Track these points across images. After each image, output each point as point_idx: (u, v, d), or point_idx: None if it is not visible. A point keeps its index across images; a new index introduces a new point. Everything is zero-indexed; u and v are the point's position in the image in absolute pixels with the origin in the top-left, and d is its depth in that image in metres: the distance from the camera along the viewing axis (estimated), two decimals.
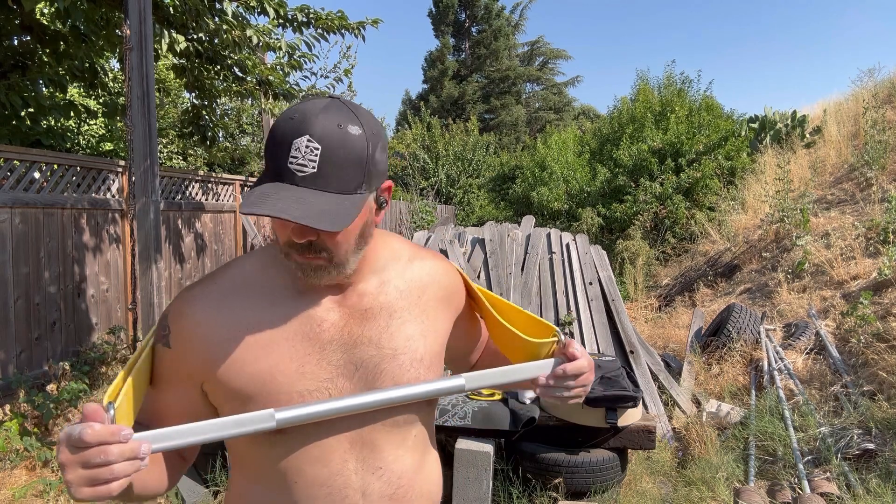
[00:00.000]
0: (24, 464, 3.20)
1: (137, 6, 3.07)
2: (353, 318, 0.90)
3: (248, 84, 5.18)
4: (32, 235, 4.14)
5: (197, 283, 0.91)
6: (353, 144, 0.78)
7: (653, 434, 3.05)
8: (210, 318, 0.86)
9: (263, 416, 0.79)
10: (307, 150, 0.76)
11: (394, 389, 0.86)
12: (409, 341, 0.93)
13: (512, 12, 28.58)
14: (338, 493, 0.88)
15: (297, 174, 0.77)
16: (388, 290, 0.94)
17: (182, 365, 0.88)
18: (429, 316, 0.97)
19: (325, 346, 0.88)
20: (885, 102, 8.83)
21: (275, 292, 0.89)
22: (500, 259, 4.60)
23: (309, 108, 0.79)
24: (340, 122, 0.78)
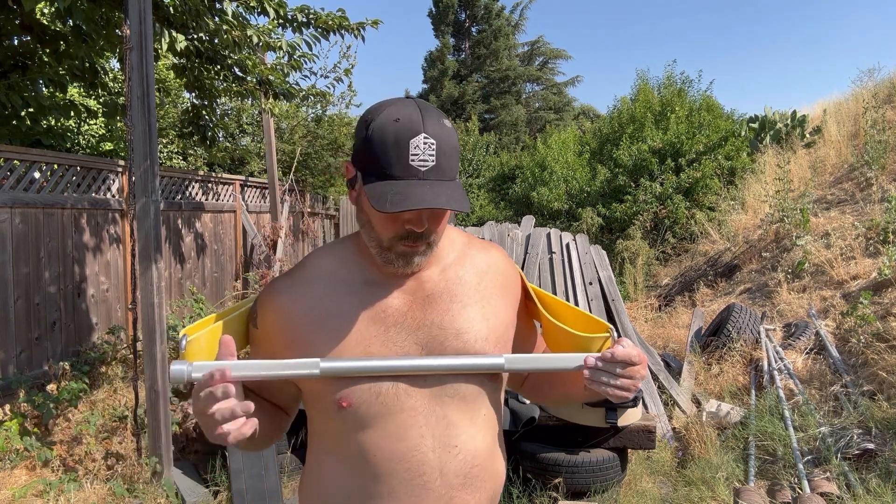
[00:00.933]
0: (24, 464, 3.20)
1: (137, 6, 3.07)
2: (415, 303, 0.97)
3: (248, 84, 5.18)
4: (32, 235, 4.14)
5: (281, 276, 1.02)
6: (452, 136, 0.89)
7: (653, 434, 3.05)
8: (288, 306, 0.96)
9: (309, 363, 0.88)
10: (426, 147, 0.86)
11: (434, 358, 0.92)
12: (472, 322, 0.98)
13: (512, 12, 28.58)
14: (416, 470, 0.93)
15: (421, 169, 0.86)
16: (449, 276, 1.00)
17: (266, 344, 0.99)
18: (489, 301, 1.01)
19: (389, 329, 0.95)
20: (885, 102, 8.83)
21: (347, 283, 0.98)
22: None
23: (407, 110, 0.87)
24: (439, 118, 0.88)
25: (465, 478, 0.95)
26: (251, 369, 0.86)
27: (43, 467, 3.21)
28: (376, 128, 0.87)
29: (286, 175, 8.66)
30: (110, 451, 3.33)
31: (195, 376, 0.84)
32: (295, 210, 8.57)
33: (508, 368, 0.93)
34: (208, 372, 0.82)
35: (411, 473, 0.92)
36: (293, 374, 0.88)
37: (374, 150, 0.87)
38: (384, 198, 0.84)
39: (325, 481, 0.99)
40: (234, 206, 7.03)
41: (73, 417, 3.59)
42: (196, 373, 0.84)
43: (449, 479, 0.94)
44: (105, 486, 3.03)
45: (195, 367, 0.85)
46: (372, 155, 0.87)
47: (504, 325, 1.02)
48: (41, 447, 3.22)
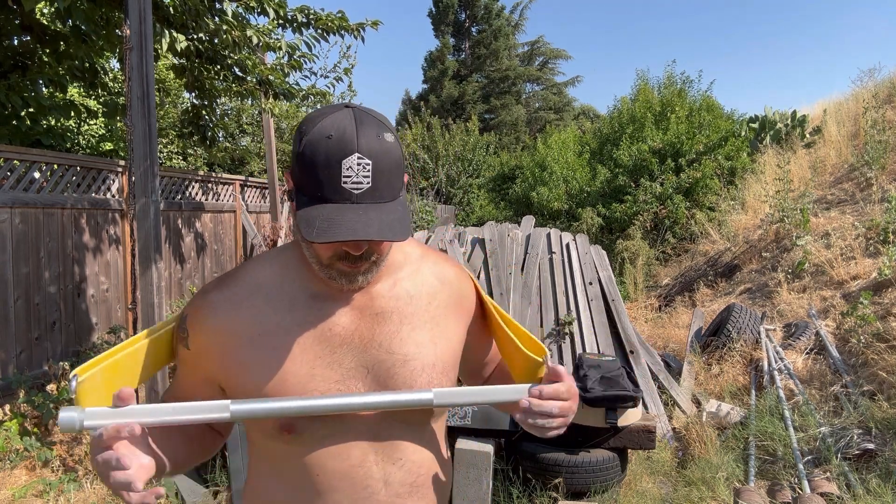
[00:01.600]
0: (24, 464, 3.20)
1: (137, 6, 3.07)
2: (364, 320, 0.92)
3: (248, 84, 5.18)
4: (32, 235, 4.14)
5: (213, 287, 0.93)
6: (393, 152, 0.82)
7: (653, 434, 3.05)
8: (225, 324, 0.89)
9: (218, 406, 0.81)
10: (359, 168, 0.79)
11: (363, 396, 0.85)
12: (420, 347, 0.93)
13: (512, 12, 28.58)
14: (360, 483, 0.91)
15: (353, 192, 0.79)
16: (399, 292, 0.95)
17: (200, 366, 0.92)
18: (438, 323, 0.97)
19: (335, 349, 0.90)
20: (885, 102, 8.83)
21: (289, 297, 0.91)
22: (500, 259, 4.61)
23: (341, 124, 0.80)
24: (378, 133, 0.81)
25: (410, 486, 0.94)
26: (154, 415, 0.78)
27: (43, 467, 3.21)
28: (308, 144, 0.80)
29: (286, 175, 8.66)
30: None
31: (87, 424, 0.75)
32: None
33: (437, 404, 0.88)
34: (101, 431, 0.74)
35: (355, 487, 0.91)
36: (202, 419, 0.80)
37: (306, 168, 0.80)
38: (312, 224, 0.78)
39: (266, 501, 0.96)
40: (234, 206, 7.03)
41: None
42: (89, 420, 0.75)
43: (395, 488, 0.92)
44: (105, 487, 3.03)
45: (88, 413, 0.75)
46: (303, 173, 0.81)
47: (453, 349, 0.99)
48: (41, 447, 3.23)
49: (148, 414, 0.78)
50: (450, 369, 0.97)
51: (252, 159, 9.70)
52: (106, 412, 0.76)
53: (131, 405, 0.77)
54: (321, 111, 0.84)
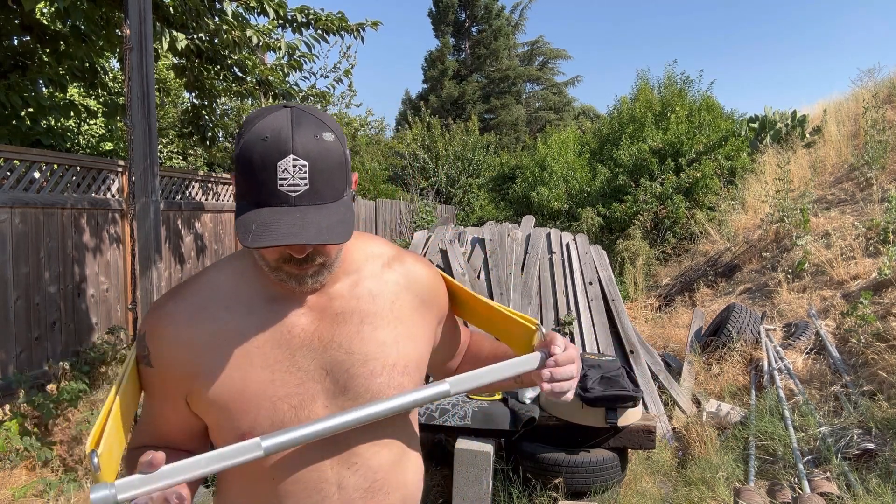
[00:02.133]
0: (24, 464, 3.20)
1: (137, 6, 3.07)
2: (323, 321, 0.90)
3: (248, 84, 5.18)
4: (32, 235, 4.14)
5: (169, 298, 0.91)
6: (333, 151, 0.80)
7: (653, 434, 3.05)
8: (184, 334, 0.87)
9: (250, 445, 0.79)
10: (295, 170, 0.77)
11: (379, 403, 0.85)
12: (382, 347, 0.92)
13: (512, 12, 28.58)
14: (313, 487, 0.89)
15: (290, 195, 0.77)
16: (361, 292, 0.93)
17: (166, 382, 0.90)
18: (403, 322, 0.95)
19: (295, 352, 0.88)
20: (885, 102, 8.83)
21: (246, 302, 0.89)
22: (500, 259, 4.60)
23: (277, 125, 0.78)
24: (315, 133, 0.79)
25: (365, 491, 0.92)
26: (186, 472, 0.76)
27: (43, 467, 3.21)
28: (244, 147, 0.78)
29: None
30: None
31: (122, 498, 0.73)
32: None
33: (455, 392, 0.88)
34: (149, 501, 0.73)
35: (308, 491, 0.89)
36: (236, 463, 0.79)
37: (243, 172, 0.78)
38: (248, 229, 0.76)
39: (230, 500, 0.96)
40: (234, 206, 7.03)
41: (73, 417, 3.59)
42: (122, 494, 0.73)
43: (348, 492, 0.91)
44: None
45: (119, 486, 0.74)
46: (241, 177, 0.79)
47: (418, 349, 0.97)
48: (41, 447, 3.22)
49: (180, 472, 0.76)
50: (413, 370, 0.96)
51: None
52: (136, 481, 0.75)
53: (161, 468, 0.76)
54: (260, 112, 0.82)
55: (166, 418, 0.93)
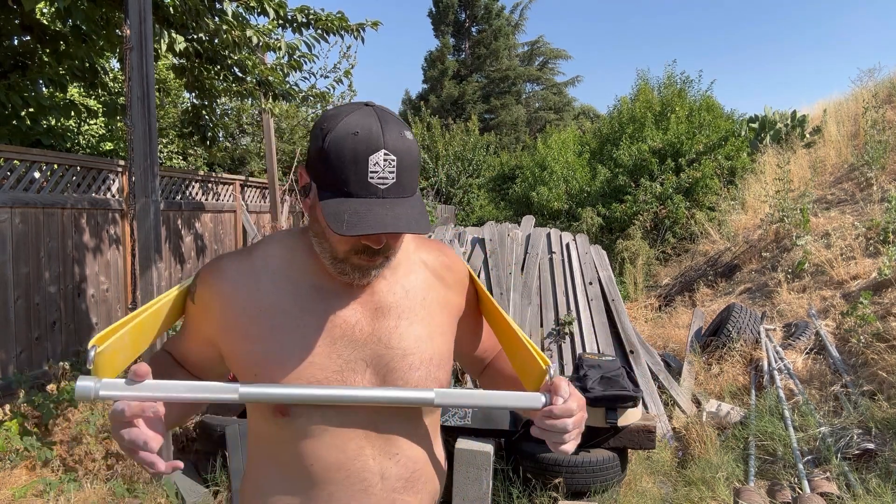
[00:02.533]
0: (24, 464, 3.20)
1: (137, 6, 3.07)
2: (365, 315, 0.94)
3: (248, 84, 5.17)
4: (32, 235, 4.14)
5: (228, 256, 0.97)
6: (414, 149, 0.85)
7: (653, 434, 3.05)
8: (228, 291, 0.92)
9: (228, 388, 0.83)
10: (386, 164, 0.81)
11: (367, 390, 0.88)
12: (418, 342, 0.95)
13: (512, 12, 28.58)
14: (356, 476, 0.92)
15: (380, 187, 0.81)
16: (397, 288, 0.97)
17: (199, 322, 0.97)
18: (434, 317, 0.99)
19: (336, 341, 0.91)
20: (885, 102, 8.83)
21: (293, 283, 0.93)
22: (500, 259, 4.60)
23: (366, 122, 0.82)
24: (400, 131, 0.83)
25: (406, 481, 0.95)
26: (166, 391, 0.80)
27: (43, 467, 3.21)
28: (333, 140, 0.81)
29: (286, 175, 8.66)
30: (110, 451, 3.33)
31: (102, 395, 0.78)
32: (295, 210, 8.57)
33: (438, 403, 0.89)
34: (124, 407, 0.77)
35: (351, 480, 0.92)
36: (212, 398, 0.82)
37: (331, 164, 0.82)
38: (340, 218, 0.79)
39: (263, 486, 0.97)
40: (234, 206, 7.03)
41: (73, 417, 3.59)
42: (104, 391, 0.78)
43: (391, 482, 0.94)
44: (105, 486, 3.03)
45: (104, 384, 0.78)
46: (328, 169, 0.82)
47: (447, 342, 1.01)
48: (41, 447, 3.22)
49: (161, 389, 0.80)
50: (445, 363, 1.00)
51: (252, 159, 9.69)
52: (120, 384, 0.79)
53: (146, 381, 0.80)
54: (341, 109, 0.85)
55: (194, 349, 1.01)
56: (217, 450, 3.28)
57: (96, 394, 0.77)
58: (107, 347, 0.82)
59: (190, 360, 1.03)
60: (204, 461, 3.37)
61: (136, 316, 0.90)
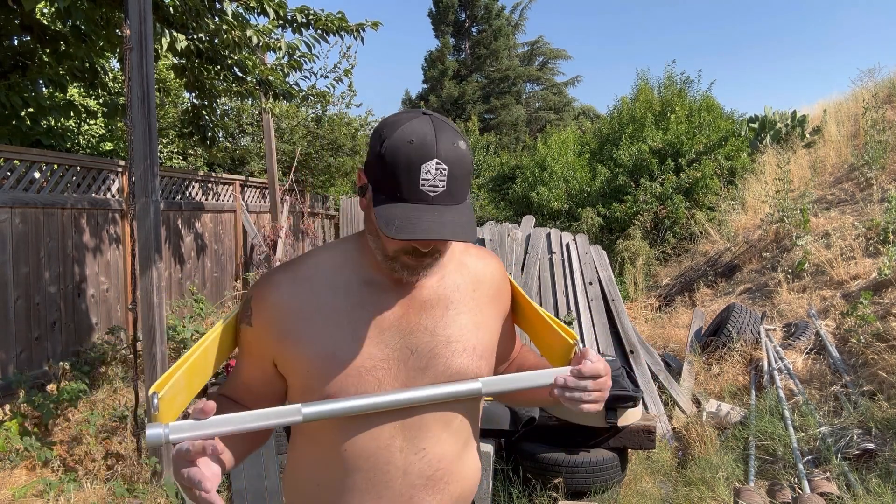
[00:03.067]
0: (24, 464, 3.20)
1: (137, 6, 3.07)
2: (412, 308, 0.98)
3: (248, 84, 5.17)
4: (32, 235, 4.14)
5: (277, 270, 1.02)
6: (466, 158, 0.89)
7: (653, 434, 3.05)
8: (285, 302, 0.97)
9: (291, 410, 0.86)
10: (437, 172, 0.85)
11: (417, 390, 0.93)
12: (463, 330, 1.00)
13: (512, 12, 28.58)
14: (380, 468, 0.96)
15: (430, 194, 0.86)
16: (446, 283, 1.02)
17: (260, 341, 0.99)
18: (482, 310, 1.04)
19: (384, 331, 0.96)
20: (885, 102, 8.83)
21: (345, 282, 0.98)
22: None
23: (421, 130, 0.86)
24: (454, 141, 0.88)
25: (427, 479, 0.97)
26: (232, 424, 0.83)
27: (43, 467, 3.21)
28: (389, 147, 0.86)
29: (286, 175, 8.66)
30: (110, 451, 3.33)
31: (173, 438, 0.80)
32: (295, 210, 8.57)
33: (486, 392, 0.95)
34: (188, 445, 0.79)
35: (375, 471, 0.95)
36: (276, 423, 0.85)
37: (386, 169, 0.87)
38: (391, 222, 0.84)
39: (302, 469, 1.03)
40: (234, 206, 7.03)
41: (73, 417, 3.59)
42: (174, 434, 0.80)
43: (411, 478, 0.96)
44: (105, 487, 3.03)
45: (172, 428, 0.80)
46: (383, 174, 0.87)
47: (492, 336, 1.06)
48: (41, 447, 3.22)
49: (226, 423, 0.82)
50: (489, 354, 1.04)
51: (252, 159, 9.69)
52: (187, 425, 0.81)
53: (212, 417, 0.82)
54: (400, 116, 0.90)
55: (252, 374, 1.03)
56: None
57: (167, 438, 0.80)
58: (167, 392, 0.86)
59: (249, 386, 1.05)
60: None
61: (189, 357, 0.94)
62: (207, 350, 0.98)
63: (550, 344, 1.09)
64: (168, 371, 0.89)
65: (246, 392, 1.05)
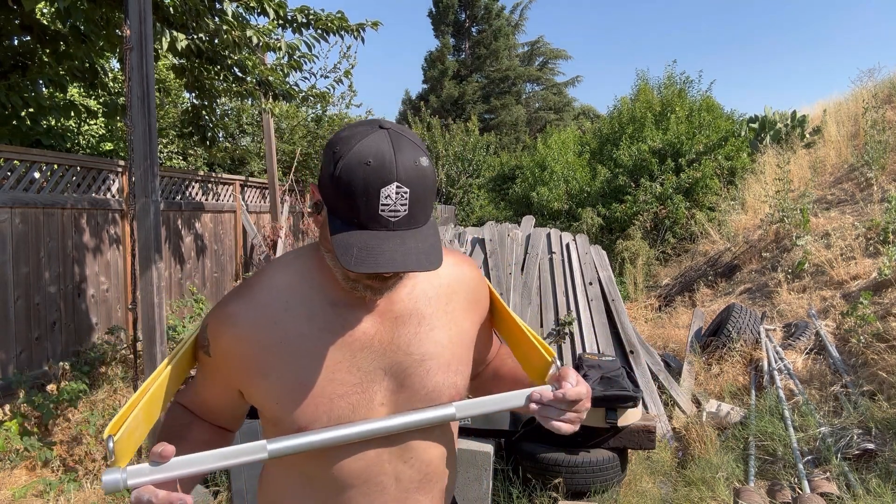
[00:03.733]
0: (24, 464, 3.20)
1: (137, 6, 3.07)
2: (384, 324, 0.93)
3: (248, 84, 5.17)
4: (32, 235, 4.14)
5: (232, 298, 0.94)
6: (428, 178, 0.81)
7: (653, 434, 3.05)
8: (245, 333, 0.90)
9: (256, 447, 0.83)
10: (398, 197, 0.78)
11: (388, 419, 0.90)
12: (437, 347, 0.96)
13: (512, 12, 28.59)
14: (373, 481, 0.94)
15: (391, 220, 0.79)
16: (418, 294, 0.97)
17: (221, 372, 0.95)
18: (456, 322, 1.00)
19: (356, 354, 0.91)
20: (885, 102, 8.83)
21: (308, 304, 0.92)
22: (500, 259, 4.60)
23: (378, 149, 0.79)
24: (415, 159, 0.80)
25: (419, 482, 0.98)
26: (193, 465, 0.81)
27: (43, 467, 3.21)
28: (344, 168, 0.78)
29: (286, 175, 8.66)
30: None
31: (131, 483, 0.78)
32: (295, 210, 8.57)
33: (460, 417, 0.93)
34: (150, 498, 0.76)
35: (369, 485, 0.94)
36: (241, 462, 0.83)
37: (342, 193, 0.79)
38: (349, 251, 0.78)
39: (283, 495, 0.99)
40: (234, 206, 7.03)
41: (73, 417, 3.59)
42: (132, 479, 0.78)
43: (404, 484, 0.96)
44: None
45: (130, 472, 0.78)
46: (338, 198, 0.80)
47: (467, 348, 1.02)
48: (41, 447, 3.22)
49: (187, 465, 0.80)
50: (464, 368, 1.00)
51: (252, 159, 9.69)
52: (146, 469, 0.79)
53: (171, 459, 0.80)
54: (354, 131, 0.82)
55: (213, 397, 1.00)
56: None
57: (125, 484, 0.78)
58: (122, 433, 0.82)
59: (209, 407, 1.02)
60: None
61: (144, 393, 0.90)
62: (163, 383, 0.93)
63: (528, 357, 1.05)
64: (122, 410, 0.85)
65: (205, 409, 1.02)
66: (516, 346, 1.09)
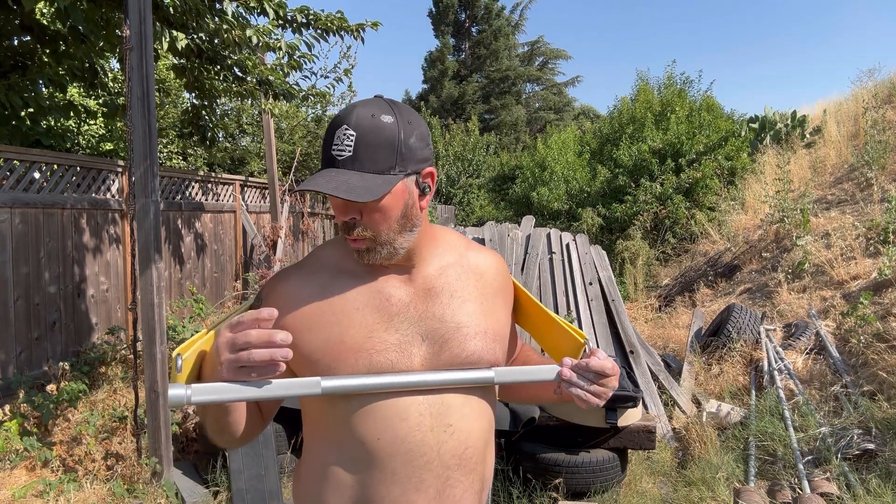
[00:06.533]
0: (24, 464, 3.20)
1: (137, 6, 3.06)
2: (418, 296, 1.00)
3: (248, 84, 5.17)
4: (32, 235, 4.14)
5: (288, 268, 1.06)
6: (384, 130, 0.90)
7: (653, 434, 3.05)
8: (294, 293, 0.99)
9: (311, 382, 0.88)
10: (344, 137, 0.89)
11: (430, 373, 0.94)
12: (471, 316, 1.01)
13: (512, 12, 28.59)
14: (417, 451, 0.95)
15: (337, 158, 0.89)
16: (449, 273, 1.04)
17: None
18: (488, 299, 1.05)
19: (392, 318, 0.98)
20: (885, 102, 8.83)
21: (351, 272, 1.01)
22: None
23: (353, 105, 0.92)
24: (374, 113, 0.90)
25: (459, 458, 0.98)
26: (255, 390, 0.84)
27: (43, 467, 3.21)
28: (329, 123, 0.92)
29: (286, 175, 8.66)
30: (110, 452, 3.33)
31: (195, 400, 0.81)
32: (295, 210, 8.56)
33: (498, 381, 0.97)
34: (239, 318, 0.81)
35: (412, 454, 0.95)
36: (295, 393, 0.88)
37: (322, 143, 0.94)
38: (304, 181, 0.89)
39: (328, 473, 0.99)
40: (233, 206, 7.03)
41: (73, 418, 3.59)
42: (196, 396, 0.81)
43: (445, 459, 0.97)
44: (105, 487, 3.03)
45: (194, 389, 0.82)
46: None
47: (501, 323, 1.06)
48: (41, 447, 3.22)
49: (247, 390, 0.84)
50: (501, 339, 1.05)
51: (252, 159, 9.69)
52: (210, 387, 0.82)
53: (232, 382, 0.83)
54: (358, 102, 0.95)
55: None
56: (217, 450, 3.28)
57: (188, 399, 0.81)
58: (189, 355, 0.89)
59: None
60: (204, 461, 3.37)
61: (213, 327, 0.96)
62: None
63: (557, 344, 1.10)
64: (191, 338, 0.92)
65: None
66: (546, 334, 1.13)
